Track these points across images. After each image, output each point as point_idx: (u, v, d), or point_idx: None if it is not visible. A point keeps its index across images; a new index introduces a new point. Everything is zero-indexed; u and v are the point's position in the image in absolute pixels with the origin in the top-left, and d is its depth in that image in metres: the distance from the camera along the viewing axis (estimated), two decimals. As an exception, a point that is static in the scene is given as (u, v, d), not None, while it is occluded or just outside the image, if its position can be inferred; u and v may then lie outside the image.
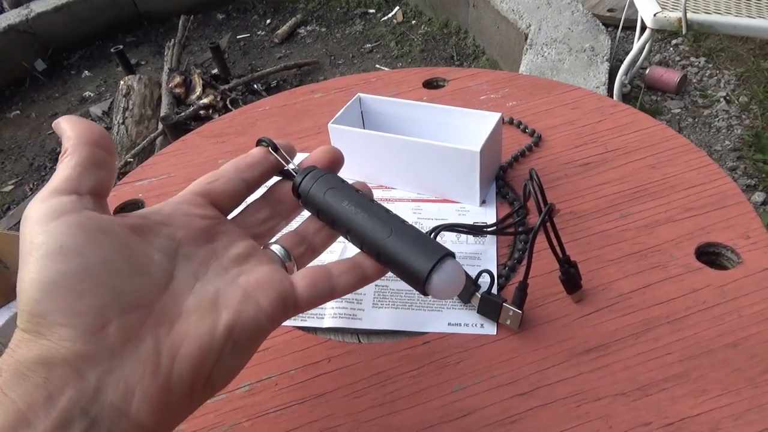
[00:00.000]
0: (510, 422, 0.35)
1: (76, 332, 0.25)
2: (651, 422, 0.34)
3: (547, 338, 0.40)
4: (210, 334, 0.28)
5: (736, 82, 1.83)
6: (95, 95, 2.29)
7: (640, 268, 0.44)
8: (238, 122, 0.68)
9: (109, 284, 0.26)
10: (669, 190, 0.50)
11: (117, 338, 0.25)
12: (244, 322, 0.29)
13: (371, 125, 0.58)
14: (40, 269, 0.25)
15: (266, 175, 0.36)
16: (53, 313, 0.25)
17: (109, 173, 0.30)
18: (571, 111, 0.62)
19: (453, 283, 0.32)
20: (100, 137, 0.30)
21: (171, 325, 0.27)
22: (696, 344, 0.38)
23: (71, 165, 0.29)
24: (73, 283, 0.25)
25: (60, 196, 0.28)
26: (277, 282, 0.31)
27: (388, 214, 0.33)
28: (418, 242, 0.32)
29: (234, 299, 0.29)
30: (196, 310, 0.28)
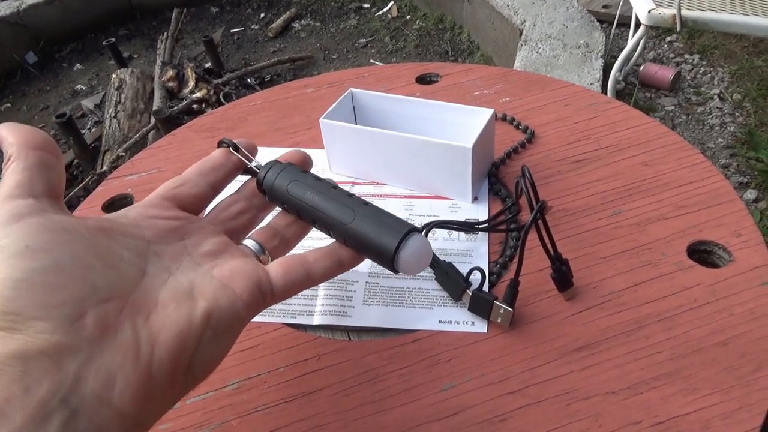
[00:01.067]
0: (500, 420, 0.35)
1: (53, 324, 0.24)
2: (641, 421, 0.34)
3: (537, 336, 0.40)
4: (188, 321, 0.28)
5: (730, 79, 1.83)
6: (87, 88, 2.27)
7: (631, 265, 0.44)
8: (229, 116, 0.67)
9: (82, 277, 0.26)
10: (661, 188, 0.50)
11: (95, 328, 0.25)
12: (221, 308, 0.29)
13: (363, 120, 0.57)
14: (9, 269, 0.25)
15: (230, 176, 0.37)
16: (28, 308, 0.24)
17: (59, 176, 0.30)
18: (564, 107, 0.61)
19: (420, 257, 0.33)
20: (44, 141, 0.30)
21: (148, 314, 0.27)
22: (686, 343, 0.38)
23: (19, 170, 0.28)
24: (46, 278, 0.25)
25: (15, 200, 0.27)
26: (251, 271, 0.31)
27: (351, 199, 0.35)
28: (382, 222, 0.33)
29: (209, 288, 0.29)
30: (172, 300, 0.28)
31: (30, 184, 0.28)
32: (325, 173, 0.56)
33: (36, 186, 0.28)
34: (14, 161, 0.29)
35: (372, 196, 0.53)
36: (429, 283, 0.44)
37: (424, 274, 0.45)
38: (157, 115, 1.65)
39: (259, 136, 0.63)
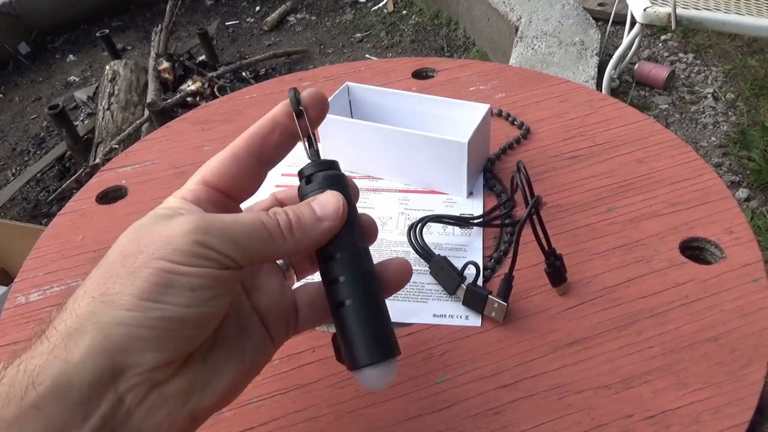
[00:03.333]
0: (493, 414, 0.36)
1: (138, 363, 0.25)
2: (632, 414, 0.35)
3: (531, 330, 0.40)
4: (238, 370, 0.28)
5: (724, 78, 1.84)
6: (80, 80, 2.25)
7: (624, 261, 0.44)
8: (224, 109, 0.67)
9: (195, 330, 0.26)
10: (655, 185, 0.50)
11: (161, 375, 0.25)
12: (261, 352, 0.30)
13: (359, 115, 0.57)
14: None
15: (286, 150, 0.32)
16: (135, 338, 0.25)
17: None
18: (560, 104, 0.62)
19: (381, 384, 0.29)
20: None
21: (204, 357, 0.27)
22: (678, 338, 0.38)
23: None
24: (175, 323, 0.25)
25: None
26: (284, 308, 0.31)
27: (367, 273, 0.30)
28: (371, 324, 0.29)
29: (253, 334, 0.30)
30: (223, 345, 0.28)
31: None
32: (321, 167, 0.56)
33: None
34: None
35: (368, 189, 0.53)
36: (424, 277, 0.44)
37: (420, 268, 0.45)
38: (151, 107, 1.64)
39: (254, 129, 0.63)
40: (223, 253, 0.26)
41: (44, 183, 1.75)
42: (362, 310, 0.29)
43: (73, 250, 0.51)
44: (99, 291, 0.25)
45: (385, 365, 0.29)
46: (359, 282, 0.29)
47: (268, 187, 0.54)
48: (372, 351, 0.29)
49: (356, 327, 0.29)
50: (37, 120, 2.07)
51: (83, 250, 0.50)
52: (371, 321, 0.29)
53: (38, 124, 2.04)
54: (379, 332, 0.29)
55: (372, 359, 0.28)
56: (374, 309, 0.29)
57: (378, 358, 0.28)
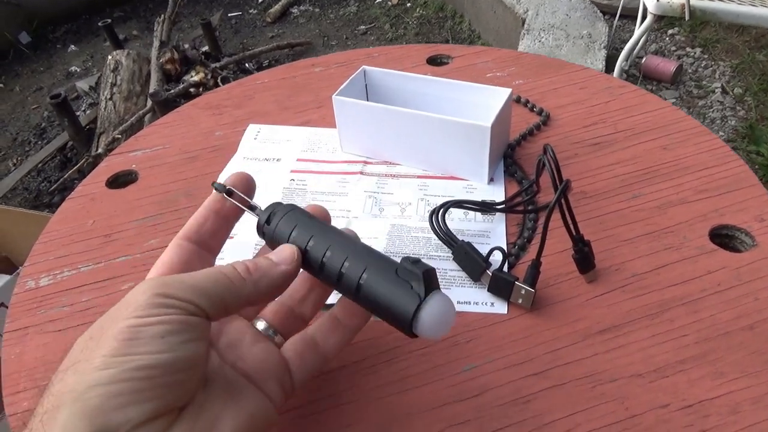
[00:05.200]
0: (523, 402, 0.34)
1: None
2: (669, 404, 0.34)
3: (559, 318, 0.39)
4: (236, 424, 0.27)
5: (731, 73, 1.83)
6: (82, 70, 2.23)
7: (653, 249, 0.43)
8: (235, 94, 0.66)
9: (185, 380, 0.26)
10: (681, 172, 0.49)
11: (159, 429, 0.24)
12: (260, 412, 0.28)
13: (376, 99, 0.56)
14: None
15: (229, 226, 0.34)
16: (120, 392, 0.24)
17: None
18: (579, 90, 0.60)
19: (445, 320, 0.28)
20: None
21: (199, 410, 0.26)
22: (712, 326, 0.37)
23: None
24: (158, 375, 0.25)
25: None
26: (274, 368, 0.30)
27: (369, 248, 0.31)
28: (398, 277, 0.29)
29: (244, 390, 0.29)
30: (216, 400, 0.27)
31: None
32: (336, 152, 0.55)
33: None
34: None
35: (385, 175, 0.52)
36: (447, 264, 0.43)
37: (442, 254, 0.43)
38: (154, 97, 1.62)
39: (266, 114, 0.62)
40: (185, 299, 0.26)
41: (46, 173, 1.73)
42: (379, 274, 0.29)
43: (83, 234, 0.49)
44: (71, 366, 0.24)
45: (432, 303, 0.28)
46: (357, 258, 0.30)
47: (283, 173, 0.53)
48: (412, 298, 0.28)
49: (384, 291, 0.29)
50: (39, 110, 2.05)
51: (94, 235, 0.49)
52: (393, 277, 0.29)
53: (39, 114, 2.02)
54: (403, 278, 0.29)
55: (415, 305, 0.28)
56: (387, 265, 0.29)
57: (419, 301, 0.28)
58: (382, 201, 0.49)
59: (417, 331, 0.28)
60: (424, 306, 0.28)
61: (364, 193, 0.50)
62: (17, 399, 0.37)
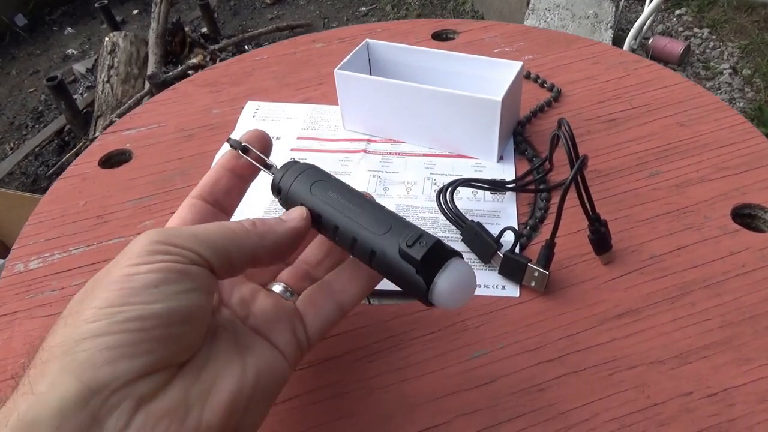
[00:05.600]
0: (537, 390, 0.32)
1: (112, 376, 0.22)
2: (692, 392, 0.32)
3: (574, 301, 0.37)
4: (239, 381, 0.25)
5: (740, 54, 1.79)
6: (78, 53, 2.20)
7: (672, 229, 0.41)
8: (233, 71, 0.63)
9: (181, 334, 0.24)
10: (700, 149, 0.46)
11: (145, 388, 0.22)
12: (270, 366, 0.26)
13: (379, 74, 0.54)
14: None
15: (245, 184, 0.33)
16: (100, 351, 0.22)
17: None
18: (591, 66, 0.58)
19: (463, 289, 0.27)
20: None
21: (200, 368, 0.24)
22: (737, 310, 0.35)
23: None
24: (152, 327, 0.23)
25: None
26: (286, 320, 0.29)
27: (387, 210, 0.29)
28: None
29: (253, 344, 0.27)
30: (221, 357, 0.25)
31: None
32: (338, 130, 0.53)
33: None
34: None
35: (389, 154, 0.50)
36: (456, 245, 0.40)
37: (450, 235, 0.41)
38: (152, 80, 1.60)
39: (266, 91, 0.59)
40: (185, 247, 0.24)
41: (43, 157, 1.71)
42: (394, 246, 0.27)
43: (75, 215, 0.47)
44: (65, 319, 0.23)
45: (449, 272, 0.26)
46: (371, 226, 0.28)
47: (283, 151, 0.51)
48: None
49: (398, 263, 0.27)
50: (35, 93, 2.02)
51: (86, 216, 0.47)
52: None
53: (36, 97, 1.99)
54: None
55: (431, 276, 0.26)
56: (401, 234, 0.27)
57: (436, 270, 0.26)
58: (387, 180, 0.47)
59: (434, 302, 0.27)
60: (439, 277, 0.26)
61: (367, 173, 0.48)
62: (6, 386, 0.35)
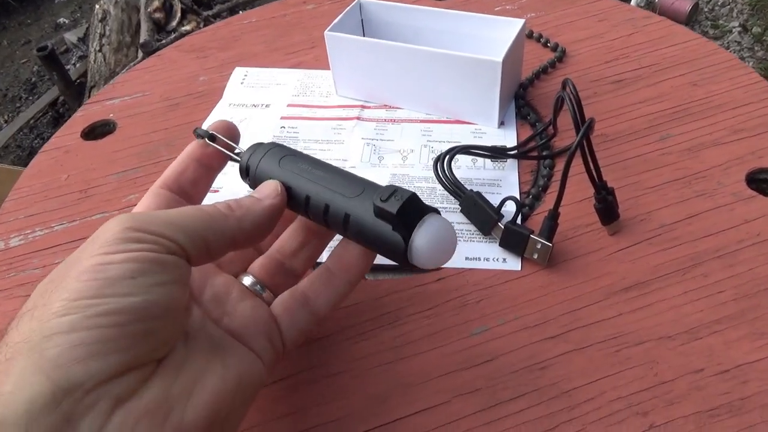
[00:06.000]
0: (539, 368, 0.31)
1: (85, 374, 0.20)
2: (703, 369, 0.30)
3: (579, 275, 0.35)
4: (222, 380, 0.23)
5: (750, 11, 1.73)
6: (70, 22, 2.15)
7: (683, 196, 0.38)
8: (221, 35, 0.60)
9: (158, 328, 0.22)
10: (714, 110, 0.44)
11: (121, 388, 0.20)
12: (248, 371, 0.25)
13: (373, 35, 0.51)
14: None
15: (213, 173, 0.31)
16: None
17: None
18: (598, 23, 0.55)
19: (443, 246, 0.26)
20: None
21: (179, 366, 0.22)
22: (752, 281, 0.33)
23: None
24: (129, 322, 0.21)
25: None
26: (263, 325, 0.27)
27: (360, 177, 0.28)
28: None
29: (231, 346, 0.25)
30: (200, 355, 0.23)
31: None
32: (331, 96, 0.50)
33: None
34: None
35: (384, 120, 0.47)
36: (454, 216, 0.39)
37: (448, 205, 0.39)
38: (145, 48, 1.56)
39: (254, 56, 0.56)
40: (160, 234, 0.22)
41: (38, 130, 1.69)
42: (366, 209, 0.26)
43: (57, 190, 0.45)
44: (27, 312, 0.21)
45: (426, 226, 0.25)
46: (342, 190, 0.27)
47: (273, 119, 0.48)
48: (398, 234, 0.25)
49: (371, 226, 0.26)
50: (28, 64, 1.98)
51: (68, 190, 0.45)
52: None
53: (29, 68, 1.96)
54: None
55: (402, 244, 0.25)
56: (372, 195, 0.26)
57: (403, 244, 0.25)
58: (382, 148, 0.44)
59: (414, 261, 0.26)
60: (414, 237, 0.25)
61: (361, 141, 0.45)
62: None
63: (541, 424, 0.29)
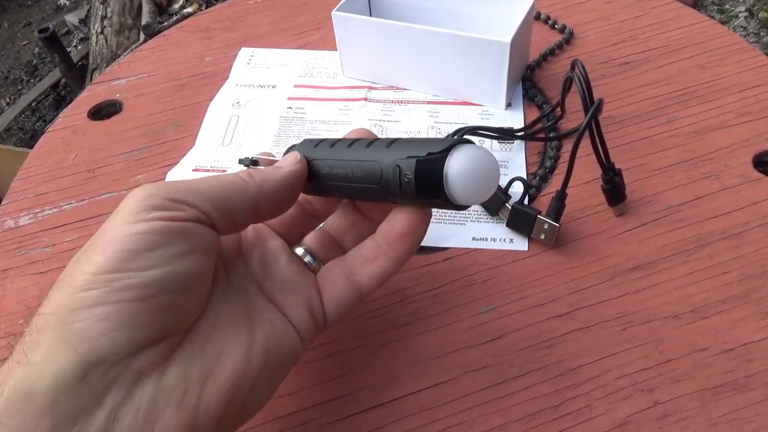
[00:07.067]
0: (546, 346, 0.31)
1: (111, 350, 0.20)
2: (708, 347, 0.30)
3: (586, 255, 0.35)
4: (246, 358, 0.23)
5: (757, -4, 1.72)
6: (71, 3, 2.13)
7: (690, 178, 0.38)
8: (226, 16, 0.60)
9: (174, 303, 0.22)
10: (721, 93, 0.44)
11: (145, 361, 0.21)
12: (280, 343, 0.25)
13: (380, 16, 0.50)
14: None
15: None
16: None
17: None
18: (606, 5, 0.54)
19: (481, 174, 0.23)
20: None
21: (203, 343, 0.23)
22: (757, 262, 0.34)
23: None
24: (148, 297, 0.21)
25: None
26: (305, 295, 0.27)
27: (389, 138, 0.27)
28: (420, 142, 0.24)
29: (267, 316, 0.25)
30: (228, 327, 0.23)
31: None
32: (337, 77, 0.50)
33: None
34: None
35: (391, 102, 0.47)
36: (461, 196, 0.39)
37: (456, 187, 0.39)
38: (147, 30, 1.55)
39: (261, 37, 0.56)
40: (184, 201, 0.22)
41: (40, 112, 1.68)
42: (401, 147, 0.24)
43: (65, 169, 0.45)
44: (59, 283, 0.21)
45: (459, 152, 0.23)
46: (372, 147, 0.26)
47: (279, 100, 0.48)
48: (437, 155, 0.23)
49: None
50: (29, 47, 1.97)
51: (76, 170, 0.45)
52: (417, 142, 0.24)
53: (30, 50, 1.94)
54: (425, 141, 0.24)
55: (441, 164, 0.23)
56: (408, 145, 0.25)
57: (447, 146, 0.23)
58: (389, 130, 0.45)
59: (452, 192, 0.23)
60: (449, 160, 0.23)
61: (368, 122, 0.45)
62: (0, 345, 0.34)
63: (548, 401, 0.29)
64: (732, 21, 1.66)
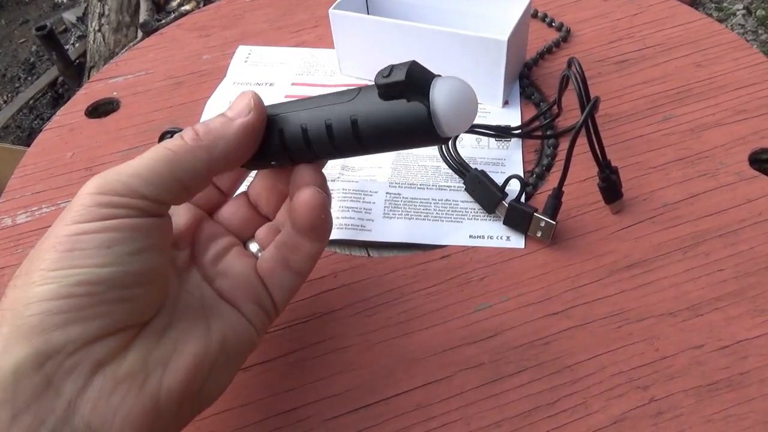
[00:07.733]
0: (542, 344, 0.31)
1: (67, 338, 0.21)
2: (703, 345, 0.30)
3: (582, 253, 0.35)
4: (204, 344, 0.24)
5: (755, -6, 1.72)
6: (69, 0, 2.13)
7: (686, 176, 0.39)
8: (223, 13, 0.60)
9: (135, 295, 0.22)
10: (717, 91, 0.44)
11: (102, 351, 0.21)
12: (236, 332, 0.26)
13: (377, 14, 0.50)
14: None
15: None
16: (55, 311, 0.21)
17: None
18: (603, 3, 0.54)
19: (463, 98, 0.24)
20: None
21: (161, 333, 0.23)
22: (752, 259, 0.34)
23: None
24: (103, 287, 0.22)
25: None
26: (251, 287, 0.27)
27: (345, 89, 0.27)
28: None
29: (221, 308, 0.26)
30: (185, 317, 0.24)
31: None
32: (335, 75, 0.50)
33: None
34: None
35: (388, 100, 0.47)
36: (458, 194, 0.39)
37: (453, 184, 0.40)
38: (144, 27, 1.54)
39: (258, 35, 0.56)
40: (131, 194, 0.22)
41: (38, 110, 1.68)
42: (370, 101, 0.25)
43: (62, 167, 0.45)
44: (15, 280, 0.22)
45: (441, 83, 0.24)
46: (337, 102, 0.25)
47: (277, 98, 0.48)
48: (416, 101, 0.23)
49: (385, 110, 0.24)
50: (26, 44, 1.96)
51: (73, 168, 0.45)
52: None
53: (27, 48, 1.94)
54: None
55: (424, 106, 0.23)
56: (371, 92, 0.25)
57: (426, 102, 0.23)
58: (386, 127, 0.45)
59: (443, 127, 0.24)
60: (433, 98, 0.23)
61: (365, 120, 0.45)
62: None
63: (544, 398, 0.29)
64: (730, 19, 1.66)
